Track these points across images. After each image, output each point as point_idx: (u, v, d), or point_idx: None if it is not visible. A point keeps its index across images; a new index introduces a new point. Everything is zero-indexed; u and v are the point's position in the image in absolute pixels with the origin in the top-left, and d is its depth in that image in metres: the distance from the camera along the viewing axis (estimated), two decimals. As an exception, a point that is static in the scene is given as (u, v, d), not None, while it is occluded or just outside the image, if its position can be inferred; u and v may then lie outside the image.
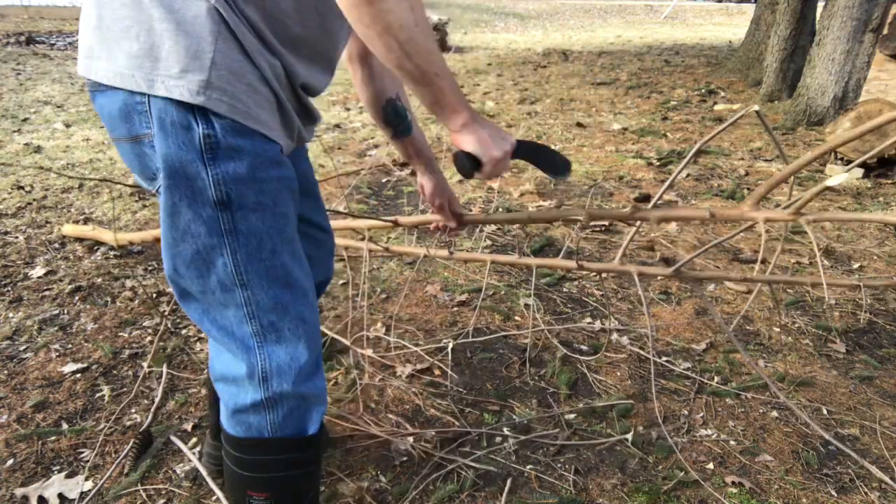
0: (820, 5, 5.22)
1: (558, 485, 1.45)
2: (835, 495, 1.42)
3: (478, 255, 1.81)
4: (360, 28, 0.79)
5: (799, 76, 5.13)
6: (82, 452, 1.52)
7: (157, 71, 0.77)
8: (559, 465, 1.51)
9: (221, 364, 0.95)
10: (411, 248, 1.84)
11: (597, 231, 2.92)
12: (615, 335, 2.07)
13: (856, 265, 2.58)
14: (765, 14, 6.42)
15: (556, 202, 3.31)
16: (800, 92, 4.90)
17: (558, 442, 1.58)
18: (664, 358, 1.94)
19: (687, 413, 1.70)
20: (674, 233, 2.92)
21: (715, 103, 5.81)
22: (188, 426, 1.61)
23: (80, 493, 1.39)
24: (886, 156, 3.57)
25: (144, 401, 1.71)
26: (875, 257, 2.66)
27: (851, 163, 3.57)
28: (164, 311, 2.14)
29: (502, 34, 12.64)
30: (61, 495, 1.38)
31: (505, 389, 1.79)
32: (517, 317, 2.17)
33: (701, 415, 1.69)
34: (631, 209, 1.22)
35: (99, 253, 2.60)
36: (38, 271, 2.42)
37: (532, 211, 1.87)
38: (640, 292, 1.46)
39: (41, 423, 1.61)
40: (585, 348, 2.00)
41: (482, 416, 1.67)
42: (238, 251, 0.86)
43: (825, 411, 1.71)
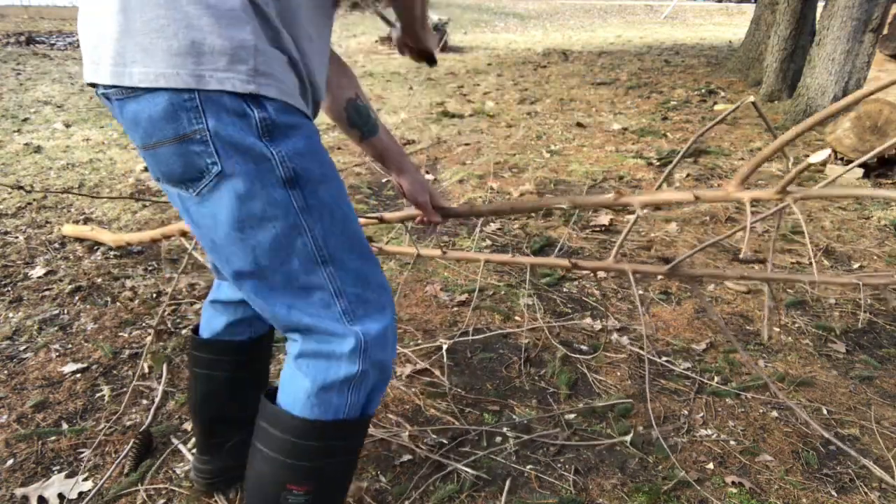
0: (820, 5, 5.22)
1: (558, 485, 1.45)
2: (835, 495, 1.42)
3: (471, 255, 1.78)
4: None
5: (799, 76, 5.13)
6: (82, 452, 1.52)
7: (203, 65, 0.78)
8: (559, 465, 1.51)
9: (315, 343, 0.93)
10: (404, 248, 1.82)
11: (597, 231, 2.92)
12: (615, 335, 2.07)
13: (856, 265, 2.59)
14: (765, 14, 6.42)
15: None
16: (800, 92, 4.90)
17: (558, 442, 1.58)
18: (664, 358, 1.94)
19: (687, 413, 1.70)
20: (673, 233, 2.92)
21: (715, 103, 5.81)
22: (188, 426, 1.61)
23: (80, 493, 1.39)
24: (886, 156, 3.57)
25: (144, 401, 1.71)
26: (875, 257, 2.67)
27: (852, 163, 3.57)
28: (165, 312, 2.14)
29: (502, 34, 12.64)
30: (61, 495, 1.38)
31: (505, 389, 1.79)
32: (517, 317, 2.17)
33: (701, 415, 1.69)
34: (615, 195, 1.22)
35: (99, 253, 2.60)
36: (38, 271, 2.42)
37: (515, 200, 1.84)
38: (636, 291, 1.46)
39: (41, 423, 1.61)
40: (585, 348, 2.00)
41: (482, 416, 1.67)
42: (314, 227, 0.87)
43: (825, 411, 1.71)
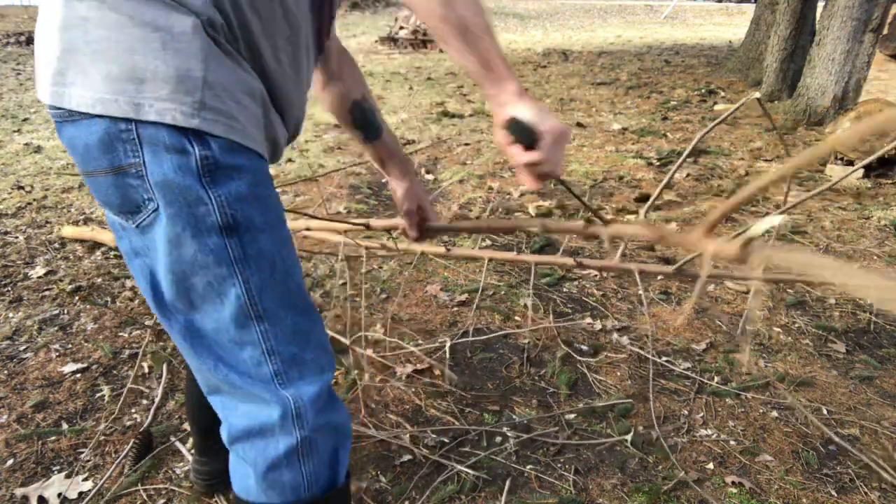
0: (820, 5, 5.22)
1: (558, 485, 1.45)
2: (835, 495, 1.42)
3: (476, 252, 1.79)
4: None
5: (799, 76, 5.13)
6: (82, 452, 1.52)
7: (143, 94, 0.70)
8: (559, 465, 1.51)
9: (242, 418, 0.84)
10: (409, 245, 1.83)
11: (597, 231, 2.92)
12: (615, 335, 2.07)
13: (856, 265, 2.59)
14: (765, 14, 6.42)
15: (556, 202, 3.31)
16: (800, 92, 4.90)
17: (558, 442, 1.58)
18: (664, 358, 1.94)
19: (687, 413, 1.70)
20: (674, 233, 2.91)
21: (715, 103, 5.81)
22: (188, 426, 1.61)
23: (80, 493, 1.39)
24: (886, 156, 3.57)
25: (144, 401, 1.71)
26: (875, 257, 2.67)
27: (852, 163, 3.57)
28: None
29: (502, 34, 12.64)
30: (61, 495, 1.38)
31: (505, 389, 1.79)
32: (517, 316, 2.17)
33: (701, 415, 1.69)
34: (584, 224, 1.21)
35: (99, 253, 2.60)
36: (38, 271, 2.42)
37: (492, 219, 1.85)
38: (641, 290, 1.46)
39: (41, 423, 1.61)
40: (585, 348, 2.00)
41: (482, 416, 1.67)
42: (251, 279, 0.78)
43: (825, 411, 1.71)
